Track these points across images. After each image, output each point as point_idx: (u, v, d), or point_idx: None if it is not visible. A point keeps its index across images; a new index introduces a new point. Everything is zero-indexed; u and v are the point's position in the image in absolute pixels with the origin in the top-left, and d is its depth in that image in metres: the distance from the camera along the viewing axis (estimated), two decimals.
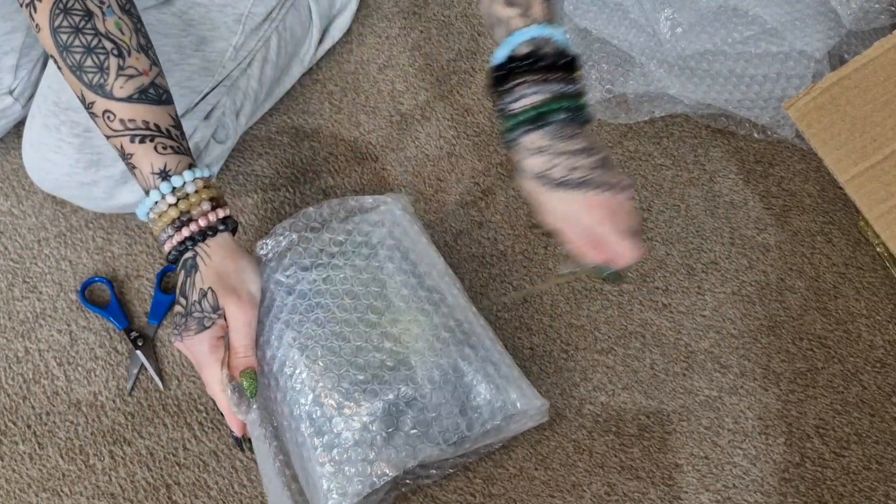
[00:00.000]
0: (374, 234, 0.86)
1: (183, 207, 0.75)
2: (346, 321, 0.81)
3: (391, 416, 0.78)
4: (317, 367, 0.79)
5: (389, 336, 0.81)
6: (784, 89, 1.10)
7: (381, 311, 0.82)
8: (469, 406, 0.80)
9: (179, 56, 0.93)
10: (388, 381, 0.79)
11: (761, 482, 0.93)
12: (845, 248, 1.07)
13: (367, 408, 0.77)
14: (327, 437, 0.77)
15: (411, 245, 0.87)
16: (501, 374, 0.82)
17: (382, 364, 0.79)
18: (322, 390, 0.78)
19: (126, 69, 0.75)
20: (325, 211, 0.88)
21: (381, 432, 0.77)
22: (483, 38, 1.21)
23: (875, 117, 0.93)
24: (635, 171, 1.11)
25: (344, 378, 0.79)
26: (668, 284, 1.04)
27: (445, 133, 1.13)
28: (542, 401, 0.83)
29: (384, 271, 0.84)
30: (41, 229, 1.03)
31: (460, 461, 0.89)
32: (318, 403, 0.78)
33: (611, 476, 0.93)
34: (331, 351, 0.80)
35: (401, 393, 0.78)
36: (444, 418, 0.79)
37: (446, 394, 0.80)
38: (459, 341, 0.82)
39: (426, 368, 0.80)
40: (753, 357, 1.00)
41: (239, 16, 0.96)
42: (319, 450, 0.77)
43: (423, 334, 0.82)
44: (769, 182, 1.11)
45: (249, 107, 1.02)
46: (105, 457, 0.92)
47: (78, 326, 0.98)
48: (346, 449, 0.77)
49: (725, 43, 1.09)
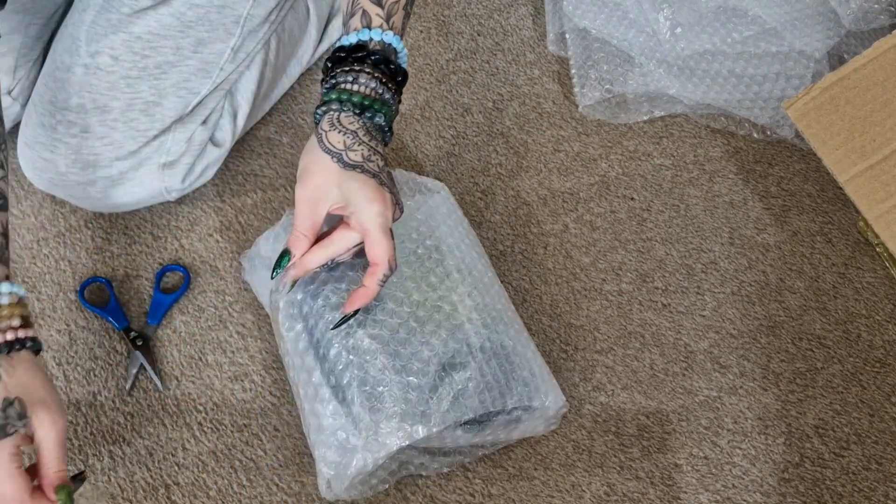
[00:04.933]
0: (437, 212, 0.90)
1: None
2: (411, 277, 0.83)
3: (445, 371, 0.80)
4: (379, 312, 0.81)
5: (447, 301, 0.83)
6: (783, 89, 1.10)
7: (441, 278, 0.85)
8: (511, 382, 0.82)
9: (177, 57, 0.93)
10: (445, 339, 0.81)
11: (761, 482, 0.93)
12: (845, 248, 1.07)
13: (424, 359, 0.79)
14: (376, 386, 0.79)
15: (465, 232, 0.92)
16: (538, 365, 0.86)
17: (440, 324, 0.81)
18: (379, 338, 0.80)
19: None
20: (397, 176, 0.92)
21: (434, 385, 0.79)
22: (482, 38, 1.21)
23: (874, 117, 0.93)
24: (635, 170, 1.11)
25: (404, 328, 0.80)
26: (667, 284, 1.04)
27: (445, 133, 1.13)
28: (564, 402, 0.86)
29: (445, 245, 0.87)
30: (40, 229, 1.03)
31: (458, 459, 0.89)
32: (372, 350, 0.80)
33: (610, 476, 0.93)
34: (394, 301, 0.81)
35: (456, 353, 0.81)
36: (492, 387, 0.81)
37: (494, 366, 0.82)
38: (506, 325, 0.86)
39: (479, 338, 0.82)
40: (753, 357, 1.00)
41: (238, 17, 0.96)
42: (360, 399, 0.78)
43: (476, 307, 0.84)
44: (769, 182, 1.11)
45: (247, 109, 1.02)
46: (104, 457, 0.92)
47: (77, 326, 0.98)
48: (395, 399, 0.78)
49: (725, 43, 1.09)
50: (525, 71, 1.18)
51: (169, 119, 0.94)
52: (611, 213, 1.08)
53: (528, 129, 1.14)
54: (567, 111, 1.15)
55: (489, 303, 0.86)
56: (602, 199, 1.09)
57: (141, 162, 0.94)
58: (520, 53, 1.20)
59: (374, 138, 0.75)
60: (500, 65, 1.19)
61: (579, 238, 1.06)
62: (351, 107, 0.74)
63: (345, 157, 0.73)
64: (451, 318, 0.82)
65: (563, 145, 1.13)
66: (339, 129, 0.74)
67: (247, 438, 0.93)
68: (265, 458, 0.92)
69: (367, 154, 0.73)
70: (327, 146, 0.73)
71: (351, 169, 0.73)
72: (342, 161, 0.73)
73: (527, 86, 1.17)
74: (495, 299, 0.88)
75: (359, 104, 0.74)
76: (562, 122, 1.14)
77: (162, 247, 1.03)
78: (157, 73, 0.92)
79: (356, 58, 0.74)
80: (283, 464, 0.92)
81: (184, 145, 0.95)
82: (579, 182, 1.10)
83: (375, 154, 0.74)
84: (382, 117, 0.75)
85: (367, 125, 0.74)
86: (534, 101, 1.16)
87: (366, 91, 0.74)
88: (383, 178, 0.74)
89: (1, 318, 0.70)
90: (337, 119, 0.74)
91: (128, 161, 0.93)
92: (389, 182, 0.75)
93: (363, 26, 0.75)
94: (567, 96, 1.16)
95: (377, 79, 0.74)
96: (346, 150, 0.73)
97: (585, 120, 1.15)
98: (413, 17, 1.20)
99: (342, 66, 0.75)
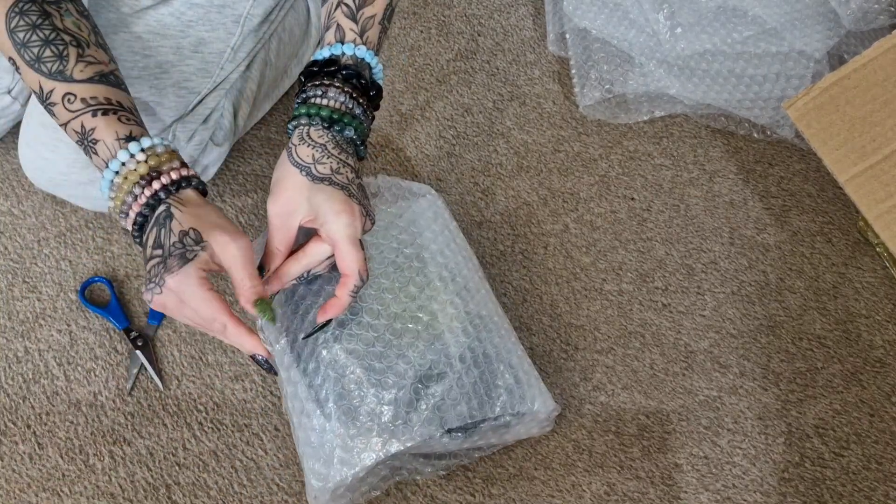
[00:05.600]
0: (421, 217, 0.90)
1: (153, 164, 0.73)
2: (389, 289, 0.83)
3: (422, 384, 0.79)
4: (354, 326, 0.80)
5: (427, 311, 0.83)
6: (783, 89, 1.10)
7: (421, 287, 0.84)
8: (493, 391, 0.82)
9: (177, 57, 0.93)
10: (422, 350, 0.81)
11: (761, 482, 0.93)
12: (845, 247, 1.07)
13: (399, 373, 0.79)
14: (352, 400, 0.79)
15: (451, 236, 0.91)
16: (524, 371, 0.85)
17: (419, 335, 0.81)
18: (355, 353, 0.80)
19: (86, 57, 0.75)
20: (380, 182, 0.92)
21: (411, 399, 0.79)
22: (482, 39, 1.21)
23: (874, 117, 0.93)
24: (635, 170, 1.11)
25: (380, 341, 0.80)
26: (667, 284, 1.04)
27: (445, 133, 1.13)
28: (555, 405, 0.85)
29: (427, 252, 0.87)
30: (41, 229, 1.03)
31: (454, 462, 0.89)
32: (349, 364, 0.80)
33: (610, 476, 0.93)
34: (370, 314, 0.81)
35: (433, 364, 0.80)
36: (471, 398, 0.80)
37: (474, 375, 0.82)
38: (490, 331, 0.85)
39: (458, 347, 0.82)
40: (753, 357, 1.00)
41: (238, 17, 0.96)
42: (337, 413, 0.79)
43: (457, 315, 0.84)
44: (769, 182, 1.11)
45: (248, 109, 1.02)
46: (105, 457, 0.92)
47: (78, 326, 0.98)
48: (371, 413, 0.78)
49: (725, 43, 1.09)
50: (525, 71, 1.18)
51: (169, 118, 0.94)
52: (611, 213, 1.08)
53: (529, 129, 1.14)
54: (567, 111, 1.15)
55: (473, 309, 0.86)
56: (602, 199, 1.09)
57: None
58: (520, 54, 1.20)
59: (343, 151, 0.75)
60: (501, 65, 1.19)
61: (579, 238, 1.06)
62: (319, 121, 0.74)
63: (313, 170, 0.73)
64: (431, 327, 0.82)
65: (564, 145, 1.13)
66: (308, 143, 0.74)
67: (247, 438, 0.93)
68: (266, 458, 0.92)
69: (336, 167, 0.74)
70: (296, 160, 0.74)
71: (319, 182, 0.73)
72: (310, 174, 0.73)
73: (527, 86, 1.17)
74: (480, 305, 0.87)
75: (327, 118, 0.74)
76: (562, 122, 1.15)
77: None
78: (158, 72, 0.92)
79: (327, 72, 0.75)
80: (284, 463, 0.92)
81: (184, 145, 0.95)
82: (579, 182, 1.10)
83: (345, 167, 0.74)
84: (353, 131, 0.75)
85: (337, 138, 0.75)
86: (534, 102, 1.16)
87: (335, 105, 0.75)
88: (352, 191, 0.74)
89: (162, 163, 0.73)
90: (307, 133, 0.74)
91: None
92: (360, 194, 0.75)
93: (336, 41, 0.76)
94: (567, 96, 1.16)
95: (347, 93, 0.75)
96: (314, 164, 0.73)
97: (586, 120, 1.15)
98: (413, 18, 1.20)
99: (313, 80, 0.75)
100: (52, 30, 0.75)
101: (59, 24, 0.76)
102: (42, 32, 0.75)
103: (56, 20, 0.76)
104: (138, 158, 0.73)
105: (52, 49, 0.75)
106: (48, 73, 0.74)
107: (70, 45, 0.75)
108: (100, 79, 0.75)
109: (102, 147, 0.73)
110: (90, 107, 0.74)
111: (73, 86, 0.74)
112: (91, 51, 0.76)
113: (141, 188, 0.72)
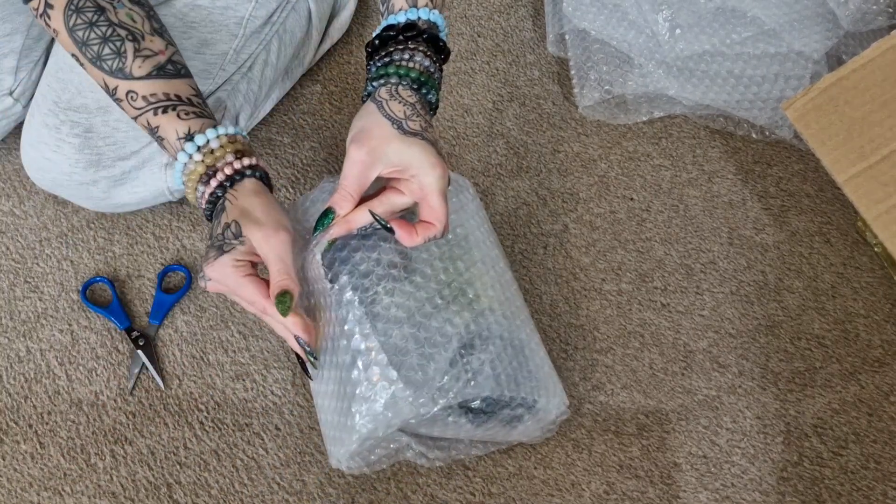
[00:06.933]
0: (467, 206, 0.91)
1: (209, 162, 0.77)
2: (440, 257, 0.84)
3: (465, 350, 0.80)
4: (408, 284, 0.81)
5: (472, 287, 0.84)
6: (782, 90, 1.11)
7: (468, 265, 0.85)
8: (523, 375, 0.83)
9: None
10: (468, 321, 0.81)
11: (760, 481, 0.93)
12: (843, 248, 1.07)
13: (446, 334, 0.80)
14: (399, 354, 0.79)
15: (488, 232, 0.92)
16: (548, 366, 0.87)
17: (464, 306, 0.82)
18: (406, 308, 0.80)
19: (142, 51, 0.78)
20: None
21: (454, 359, 0.79)
22: (482, 39, 1.21)
23: (873, 118, 0.93)
24: (634, 171, 1.11)
25: (430, 303, 0.81)
26: (666, 284, 1.04)
27: (445, 133, 1.13)
28: (565, 407, 0.86)
29: (473, 236, 0.88)
30: (43, 229, 1.04)
31: (454, 455, 0.89)
32: (398, 318, 0.80)
33: (610, 475, 0.93)
34: (423, 276, 0.82)
35: (477, 336, 0.81)
36: (507, 373, 0.81)
37: (510, 355, 0.83)
38: (523, 322, 0.87)
39: (499, 327, 0.83)
40: (752, 357, 1.00)
41: (240, 19, 0.96)
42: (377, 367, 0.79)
43: (498, 299, 0.85)
44: (767, 182, 1.11)
45: (249, 109, 1.02)
46: (106, 456, 0.92)
47: (79, 326, 0.99)
48: (414, 367, 0.78)
49: (724, 44, 1.10)
50: (525, 72, 1.19)
51: None
52: (610, 214, 1.08)
53: (528, 129, 1.14)
54: (567, 112, 1.16)
55: (509, 298, 0.87)
56: (601, 200, 1.09)
57: (143, 162, 0.94)
58: (520, 55, 1.20)
59: (427, 113, 0.77)
60: (500, 66, 1.19)
61: (579, 238, 1.07)
62: (409, 82, 0.76)
63: (405, 125, 0.74)
64: (475, 303, 0.83)
65: (563, 146, 1.13)
66: (399, 100, 0.76)
67: (248, 437, 0.93)
68: (266, 457, 0.92)
69: (424, 126, 0.75)
70: (388, 112, 0.75)
71: (412, 136, 0.74)
72: (402, 128, 0.74)
73: (527, 87, 1.18)
74: (513, 298, 0.88)
75: (416, 80, 0.76)
76: (561, 122, 1.15)
77: (164, 247, 1.03)
78: None
79: (408, 36, 0.77)
80: (285, 463, 0.92)
81: None
82: (579, 182, 1.10)
83: (431, 127, 0.76)
84: (434, 94, 0.78)
85: (422, 100, 0.77)
86: (534, 102, 1.16)
87: (420, 68, 0.77)
88: (440, 148, 0.76)
89: (217, 159, 0.77)
90: (396, 90, 0.76)
91: (130, 161, 0.94)
92: None
93: (410, 6, 0.78)
94: (567, 97, 1.17)
95: (429, 57, 0.77)
96: (405, 119, 0.75)
97: (585, 121, 1.15)
98: None
99: (395, 43, 0.77)
100: (108, 25, 0.78)
101: (114, 17, 0.79)
102: (99, 30, 0.78)
103: (111, 14, 0.78)
104: (195, 159, 0.77)
105: (111, 46, 0.78)
106: (109, 70, 0.78)
107: (126, 39, 0.78)
108: (157, 73, 0.79)
109: (168, 145, 0.79)
110: (151, 105, 0.78)
111: (134, 83, 0.78)
112: (146, 42, 0.79)
113: (203, 186, 0.77)
